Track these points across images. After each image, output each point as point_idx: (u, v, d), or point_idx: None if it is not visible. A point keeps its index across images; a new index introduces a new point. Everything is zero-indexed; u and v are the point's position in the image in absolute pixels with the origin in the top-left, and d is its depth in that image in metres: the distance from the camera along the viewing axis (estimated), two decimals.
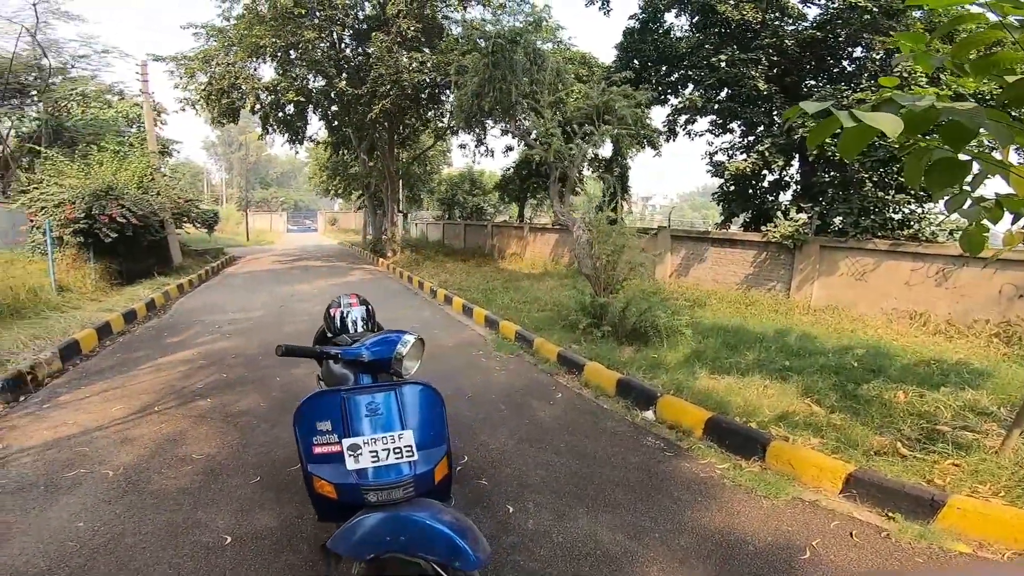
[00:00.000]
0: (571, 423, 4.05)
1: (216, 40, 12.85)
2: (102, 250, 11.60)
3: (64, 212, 11.08)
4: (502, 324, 7.25)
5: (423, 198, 31.72)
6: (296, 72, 13.76)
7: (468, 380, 5.06)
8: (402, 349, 2.06)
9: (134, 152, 13.37)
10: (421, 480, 1.90)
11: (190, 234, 18.75)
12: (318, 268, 16.41)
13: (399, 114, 15.57)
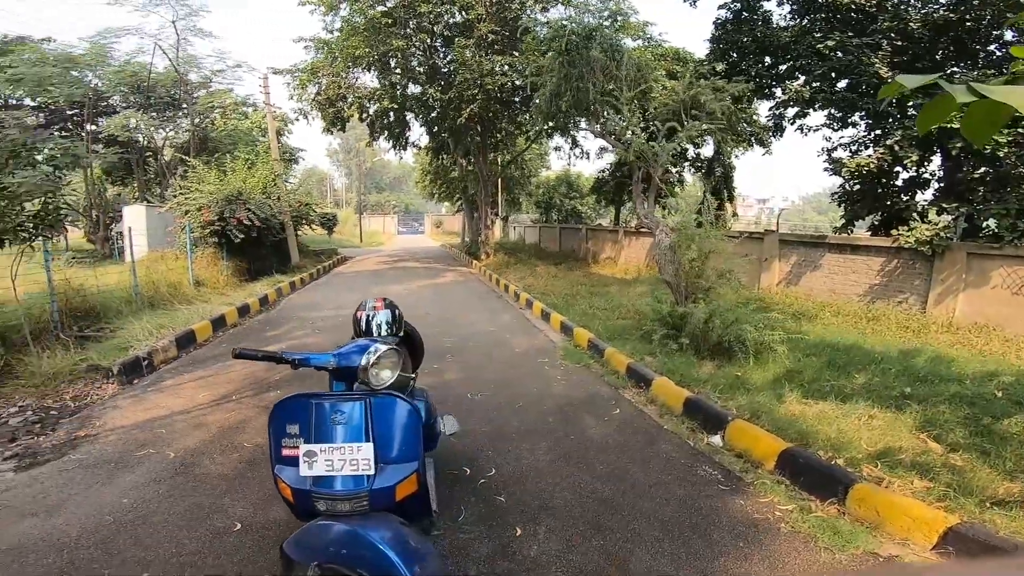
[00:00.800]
0: (621, 443, 3.70)
1: (322, 52, 13.97)
2: (233, 249, 13.08)
3: (202, 215, 12.67)
4: (576, 331, 6.95)
5: (522, 201, 32.04)
6: (391, 80, 14.50)
7: (524, 388, 4.87)
8: (367, 359, 2.00)
9: (261, 160, 14.93)
10: (378, 495, 1.83)
11: (307, 235, 20.49)
12: (415, 269, 17.16)
13: (490, 118, 15.81)
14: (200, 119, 17.96)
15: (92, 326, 7.46)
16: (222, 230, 12.60)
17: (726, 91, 7.87)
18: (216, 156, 16.03)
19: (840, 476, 2.94)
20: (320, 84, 13.81)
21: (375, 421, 1.95)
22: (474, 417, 4.15)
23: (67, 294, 7.62)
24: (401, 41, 12.77)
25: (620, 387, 4.94)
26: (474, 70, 12.85)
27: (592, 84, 8.31)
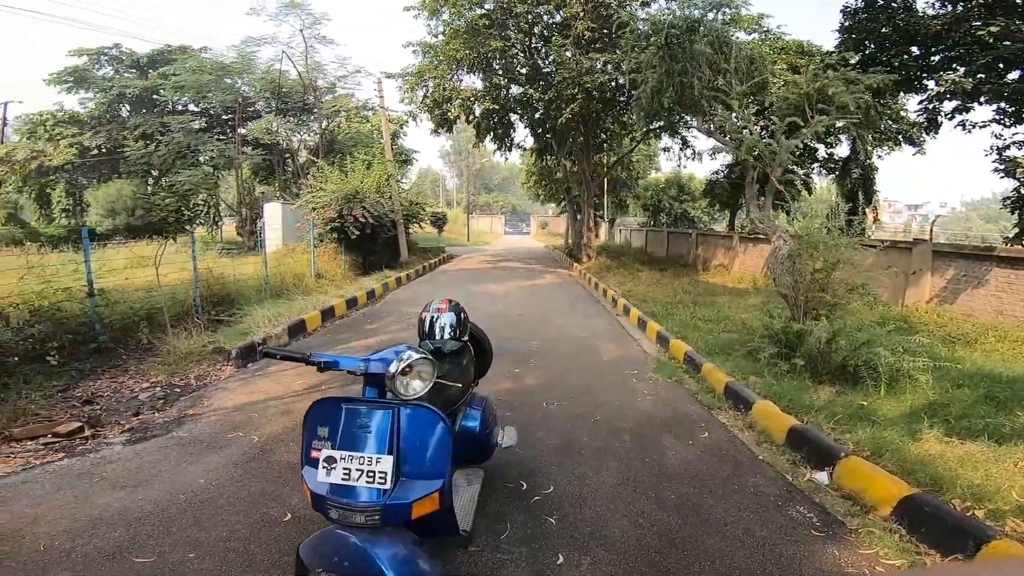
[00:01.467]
0: (701, 471, 3.27)
1: (427, 56, 14.53)
2: (350, 245, 14.09)
3: (324, 212, 13.80)
4: (673, 343, 6.42)
5: (628, 204, 31.04)
6: (493, 81, 14.67)
7: (605, 400, 4.54)
8: (396, 366, 1.87)
9: (376, 161, 15.93)
10: (391, 511, 1.73)
11: (418, 233, 21.51)
12: (515, 269, 17.26)
13: (592, 118, 15.43)
14: (327, 123, 19.73)
15: (226, 312, 8.33)
16: (341, 226, 13.62)
17: (860, 83, 6.81)
18: (340, 157, 17.42)
19: (974, 529, 2.40)
20: (427, 87, 14.40)
21: (402, 433, 1.85)
22: (545, 428, 3.93)
23: (208, 282, 8.60)
24: (499, 42, 12.89)
25: (714, 408, 4.43)
26: (572, 69, 12.61)
27: (697, 79, 7.67)
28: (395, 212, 15.64)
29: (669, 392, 4.84)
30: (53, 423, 4.13)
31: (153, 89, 18.49)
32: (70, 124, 19.34)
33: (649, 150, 25.75)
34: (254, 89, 19.13)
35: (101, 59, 19.42)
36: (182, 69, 17.58)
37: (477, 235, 41.72)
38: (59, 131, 19.09)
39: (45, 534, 2.54)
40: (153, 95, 18.81)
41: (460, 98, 14.67)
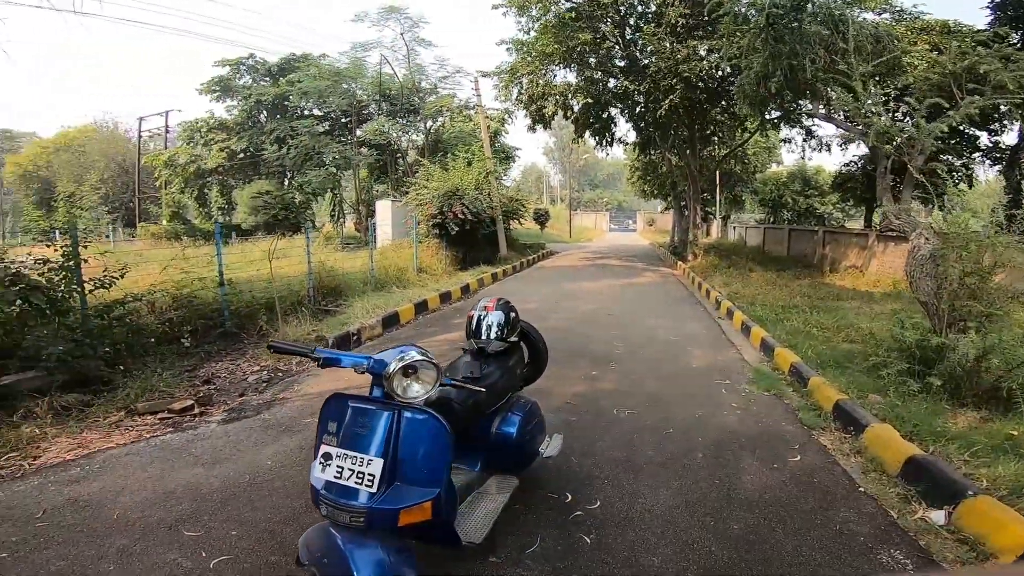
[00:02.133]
0: (781, 500, 2.80)
1: (519, 53, 14.44)
2: (451, 241, 14.57)
3: (426, 209, 14.39)
4: (778, 351, 5.71)
5: (744, 199, 28.73)
6: (587, 75, 14.22)
7: (683, 412, 4.12)
8: (391, 367, 1.79)
9: (476, 158, 16.29)
10: (377, 515, 1.66)
11: (519, 229, 21.65)
12: (614, 267, 16.71)
13: (696, 109, 14.40)
14: (431, 123, 20.64)
15: (333, 302, 8.95)
16: (442, 223, 14.11)
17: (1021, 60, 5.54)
18: (443, 156, 18.08)
19: None
20: (521, 84, 14.37)
21: (401, 437, 1.77)
22: (608, 437, 3.64)
23: (320, 275, 9.31)
24: (588, 35, 12.44)
25: (816, 428, 3.83)
26: (668, 58, 11.82)
27: (810, 61, 6.74)
28: (494, 208, 15.86)
29: (763, 407, 4.27)
30: (172, 400, 4.56)
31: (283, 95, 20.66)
32: (219, 130, 22.29)
33: (768, 142, 23.59)
34: (366, 93, 20.54)
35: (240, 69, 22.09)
36: (305, 76, 19.42)
37: (580, 232, 41.21)
38: (211, 136, 22.09)
39: (122, 504, 2.81)
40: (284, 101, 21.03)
41: (554, 94, 14.47)
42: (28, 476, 3.14)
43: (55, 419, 3.89)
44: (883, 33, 7.09)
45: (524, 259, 17.50)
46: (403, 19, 19.48)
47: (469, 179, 15.05)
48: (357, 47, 19.89)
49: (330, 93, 19.26)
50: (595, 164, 66.58)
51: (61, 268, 5.18)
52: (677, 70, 11.70)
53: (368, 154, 20.84)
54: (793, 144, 18.73)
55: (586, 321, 8.01)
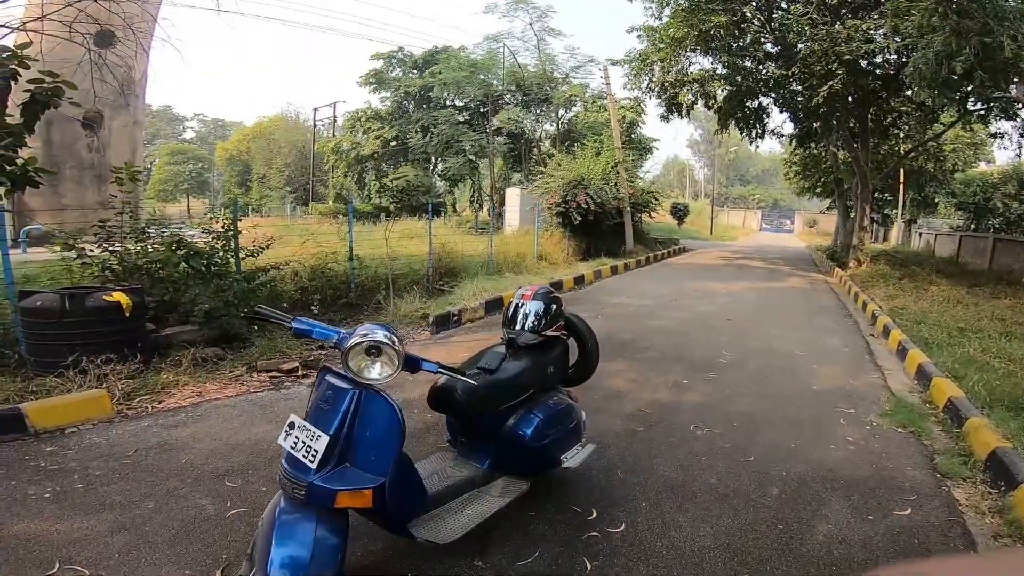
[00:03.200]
0: (857, 561, 2.19)
1: (649, 39, 13.40)
2: (574, 230, 14.38)
3: (550, 197, 14.33)
4: (936, 382, 4.60)
5: (937, 202, 24.06)
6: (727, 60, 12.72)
7: (778, 438, 3.46)
8: (348, 343, 1.74)
9: (605, 148, 15.77)
10: (315, 492, 1.63)
11: (651, 223, 20.59)
12: (753, 269, 15.07)
13: (868, 97, 12.13)
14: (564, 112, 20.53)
15: (449, 283, 9.36)
16: (565, 211, 13.96)
17: None
18: (576, 145, 17.83)
19: None
20: (652, 71, 13.43)
21: (358, 417, 1.71)
22: (671, 455, 3.19)
23: (440, 256, 9.78)
24: (723, 17, 11.02)
25: (954, 478, 2.98)
26: (823, 40, 10.00)
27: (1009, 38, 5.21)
28: (621, 200, 15.25)
29: (889, 445, 3.43)
30: (285, 360, 5.09)
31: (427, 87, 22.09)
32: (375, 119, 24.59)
33: (973, 137, 19.34)
34: (501, 83, 21.09)
35: (392, 62, 24.02)
36: (445, 68, 20.50)
37: (724, 229, 38.02)
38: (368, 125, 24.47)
39: (195, 451, 3.12)
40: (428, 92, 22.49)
41: (688, 81, 13.30)
42: (143, 418, 3.63)
43: (193, 369, 4.46)
44: None
45: (651, 253, 16.61)
46: (531, 10, 19.77)
47: (596, 169, 14.64)
48: (489, 39, 20.60)
49: (467, 84, 20.13)
50: (748, 158, 60.64)
51: (221, 237, 6.09)
52: (835, 52, 9.96)
53: (503, 143, 21.43)
54: (1007, 139, 15.10)
55: (698, 324, 7.29)
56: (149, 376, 4.19)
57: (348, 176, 26.69)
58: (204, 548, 2.22)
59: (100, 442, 3.27)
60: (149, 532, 2.31)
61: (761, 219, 47.48)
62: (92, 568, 2.07)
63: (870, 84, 11.51)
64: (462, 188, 27.68)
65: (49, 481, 2.75)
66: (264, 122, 39.59)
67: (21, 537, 2.24)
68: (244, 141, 39.08)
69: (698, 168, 65.73)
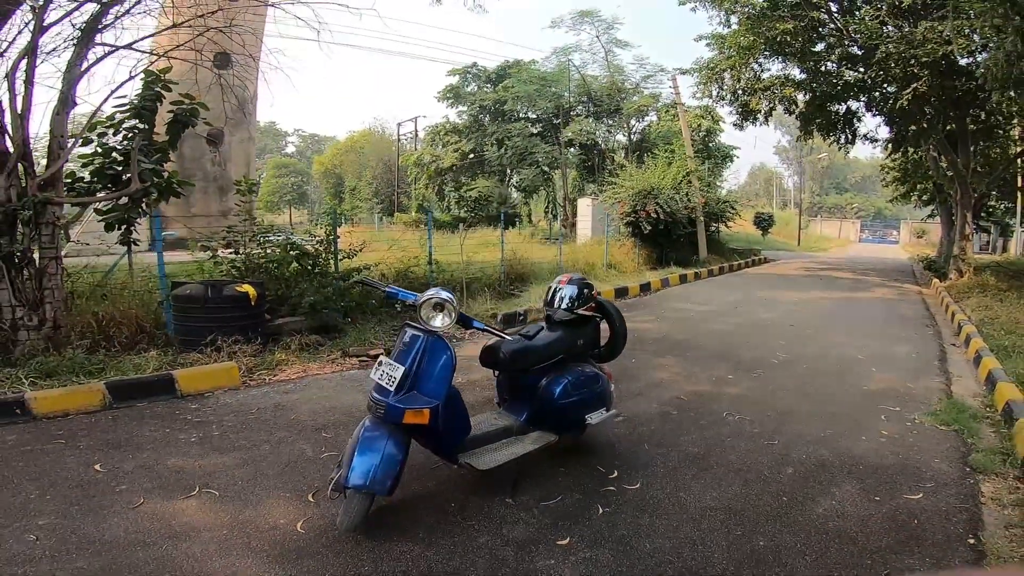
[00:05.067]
0: (847, 534, 2.40)
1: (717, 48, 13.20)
2: (644, 239, 14.53)
3: (621, 207, 14.57)
4: (1001, 386, 4.49)
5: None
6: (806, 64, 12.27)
7: (810, 429, 3.64)
8: (419, 299, 2.41)
9: (677, 157, 15.74)
10: (390, 410, 2.24)
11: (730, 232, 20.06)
12: (838, 280, 14.36)
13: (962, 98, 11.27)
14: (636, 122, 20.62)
15: (519, 287, 9.99)
16: (635, 221, 14.15)
17: None
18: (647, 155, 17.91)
19: None
20: (722, 80, 13.27)
21: (425, 356, 2.32)
22: (699, 434, 3.53)
23: (512, 263, 10.45)
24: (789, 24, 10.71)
25: (985, 472, 3.05)
26: (897, 42, 9.50)
27: None
28: (693, 209, 15.16)
29: (924, 441, 3.50)
30: (371, 348, 5.93)
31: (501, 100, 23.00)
32: (453, 133, 25.92)
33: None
34: (572, 95, 21.54)
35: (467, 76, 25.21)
36: (516, 81, 21.29)
37: (815, 240, 35.83)
38: (447, 139, 25.86)
39: (301, 411, 3.88)
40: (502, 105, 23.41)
41: (761, 88, 13.03)
42: (263, 387, 4.49)
43: (299, 352, 5.34)
44: None
45: (725, 263, 16.29)
46: (596, 22, 20.04)
47: (667, 178, 14.69)
48: (558, 52, 21.12)
49: (539, 96, 20.79)
50: (844, 165, 56.43)
51: (323, 241, 7.10)
52: (914, 55, 9.45)
53: (575, 154, 21.86)
54: None
55: (756, 328, 7.34)
56: (266, 355, 5.10)
57: (429, 188, 28.30)
58: (303, 479, 2.85)
59: (231, 403, 4.13)
60: (264, 467, 2.99)
61: (860, 229, 44.05)
62: (221, 491, 2.69)
63: (961, 85, 10.77)
64: (536, 199, 28.40)
65: (194, 429, 3.56)
66: (354, 136, 42.77)
67: (172, 468, 2.97)
68: (337, 155, 42.44)
69: (786, 176, 62.25)
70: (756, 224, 28.91)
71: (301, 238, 7.70)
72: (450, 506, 2.55)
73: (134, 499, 2.60)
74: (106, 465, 2.97)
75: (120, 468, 2.95)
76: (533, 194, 26.47)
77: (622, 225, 14.59)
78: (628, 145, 20.78)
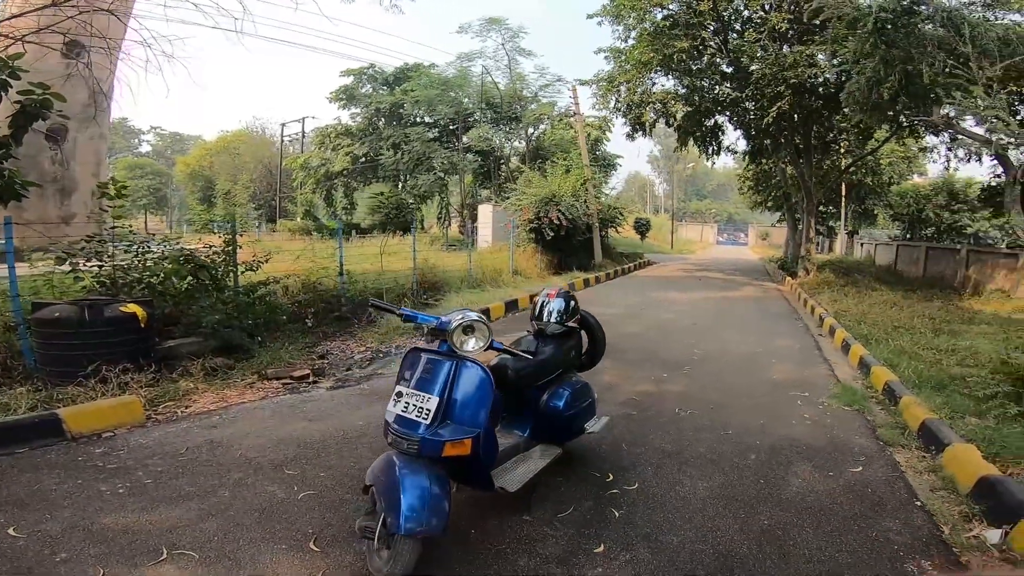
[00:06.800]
0: (822, 506, 2.81)
1: (616, 61, 14.43)
2: (546, 245, 15.01)
3: (524, 214, 14.96)
4: (875, 370, 5.39)
5: (877, 213, 26.05)
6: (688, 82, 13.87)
7: (748, 418, 4.11)
8: (452, 325, 2.23)
9: (574, 166, 16.58)
10: (426, 444, 2.06)
11: (617, 237, 21.55)
12: (712, 280, 16.10)
13: (811, 116, 13.50)
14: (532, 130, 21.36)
15: (433, 297, 9.77)
16: (538, 227, 14.60)
17: None
18: (542, 163, 18.62)
19: None
20: (619, 92, 14.41)
21: (456, 383, 2.18)
22: (663, 431, 3.80)
23: (423, 272, 10.20)
24: (685, 42, 12.16)
25: (894, 445, 3.67)
26: (772, 64, 11.27)
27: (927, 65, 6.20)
28: (590, 216, 16.05)
29: (839, 421, 4.13)
30: (293, 368, 5.36)
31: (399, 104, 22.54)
32: (345, 136, 24.78)
33: (907, 151, 21.22)
34: (472, 101, 21.77)
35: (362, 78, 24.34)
36: (417, 85, 21.02)
37: (683, 244, 39.74)
38: (338, 142, 24.63)
39: (245, 446, 3.46)
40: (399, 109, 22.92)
41: (652, 101, 14.35)
42: (180, 420, 3.92)
43: (205, 378, 4.73)
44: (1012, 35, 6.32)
45: (619, 267, 17.44)
46: (503, 30, 20.54)
47: (566, 186, 15.38)
48: (462, 57, 21.24)
49: (439, 101, 20.68)
50: (704, 174, 63.71)
51: (222, 252, 6.33)
52: (783, 76, 11.14)
53: (473, 160, 22.00)
54: (936, 153, 16.76)
55: (664, 329, 8.01)
56: (166, 384, 4.45)
57: (317, 193, 26.67)
58: (291, 526, 2.53)
59: (146, 443, 3.54)
60: (235, 517, 2.59)
61: (717, 233, 49.82)
62: (198, 551, 2.29)
63: (812, 103, 12.75)
64: (429, 205, 28.10)
65: (115, 478, 3.01)
66: (227, 137, 38.96)
67: (116, 529, 2.46)
68: (206, 156, 38.34)
69: (658, 183, 68.55)
70: (636, 229, 31.36)
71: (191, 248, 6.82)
72: (471, 533, 2.46)
73: (88, 570, 2.15)
74: (22, 529, 2.42)
75: (43, 531, 2.42)
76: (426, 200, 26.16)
77: (525, 231, 14.98)
78: (524, 152, 21.37)
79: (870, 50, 6.93)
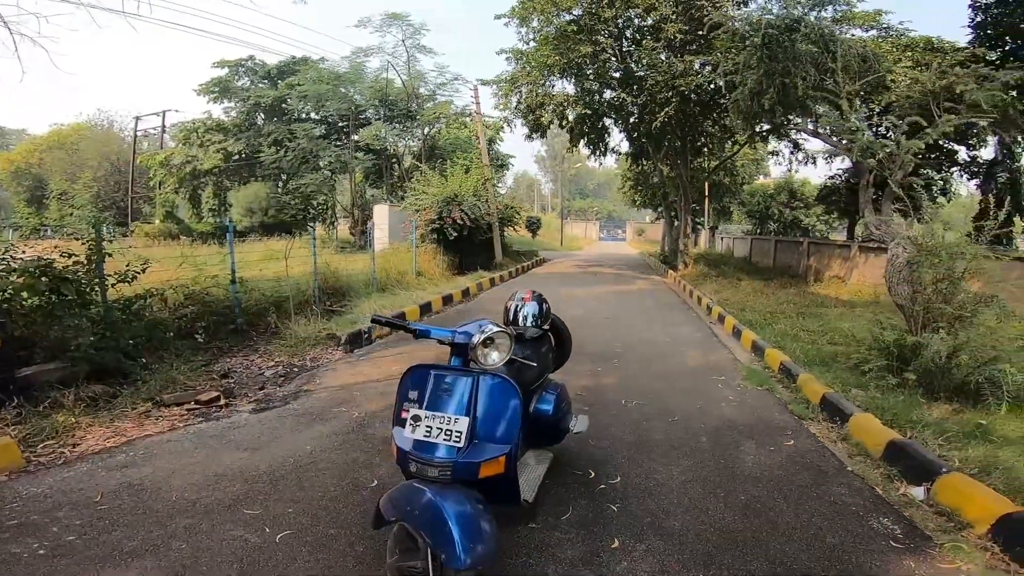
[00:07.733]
0: (780, 477, 3.18)
1: (519, 63, 14.92)
2: (448, 246, 14.83)
3: (425, 214, 14.68)
4: (769, 352, 6.13)
5: (732, 211, 29.50)
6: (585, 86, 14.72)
7: (685, 403, 4.50)
8: (475, 338, 2.08)
9: (474, 166, 16.64)
10: (461, 468, 1.92)
11: (512, 236, 21.99)
12: (606, 275, 17.13)
13: (689, 121, 14.99)
14: (428, 129, 21.03)
15: (338, 303, 9.17)
16: (440, 228, 14.41)
17: (995, 79, 6.10)
18: (441, 162, 18.42)
19: None
20: (520, 93, 14.80)
21: (480, 399, 2.04)
22: (619, 423, 4.00)
23: (325, 276, 9.53)
24: (589, 47, 12.95)
25: (806, 419, 4.22)
26: (665, 72, 12.41)
27: (801, 79, 7.26)
28: (491, 215, 16.21)
29: (757, 400, 4.67)
30: (196, 392, 4.70)
31: (282, 99, 20.89)
32: (217, 131, 22.37)
33: (756, 154, 24.31)
34: (365, 98, 20.88)
35: (239, 71, 22.23)
36: (304, 80, 19.68)
37: (570, 240, 41.74)
38: (208, 138, 22.16)
39: (177, 487, 3.01)
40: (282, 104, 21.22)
41: (552, 103, 14.92)
42: (72, 463, 3.29)
43: (85, 409, 4.03)
44: (869, 53, 7.63)
45: (519, 265, 17.84)
46: (405, 26, 19.91)
47: (468, 186, 15.38)
48: (358, 52, 20.23)
49: (329, 97, 19.51)
50: (586, 173, 67.60)
51: (86, 262, 5.36)
52: (673, 84, 12.21)
53: (364, 158, 21.07)
54: (780, 157, 19.39)
55: (581, 324, 8.34)
56: (36, 420, 3.74)
57: (180, 193, 23.75)
58: (280, 573, 2.27)
59: (43, 491, 2.95)
60: (209, 572, 2.27)
61: (599, 229, 53.07)
62: None
63: (693, 110, 14.08)
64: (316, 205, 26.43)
65: (25, 537, 2.48)
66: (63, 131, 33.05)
67: None
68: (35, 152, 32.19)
69: (544, 183, 71.22)
70: (528, 228, 32.30)
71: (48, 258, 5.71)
72: None
73: None
74: None
75: None
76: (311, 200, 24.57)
77: (427, 232, 14.70)
78: (419, 151, 20.94)
79: (755, 63, 7.88)
